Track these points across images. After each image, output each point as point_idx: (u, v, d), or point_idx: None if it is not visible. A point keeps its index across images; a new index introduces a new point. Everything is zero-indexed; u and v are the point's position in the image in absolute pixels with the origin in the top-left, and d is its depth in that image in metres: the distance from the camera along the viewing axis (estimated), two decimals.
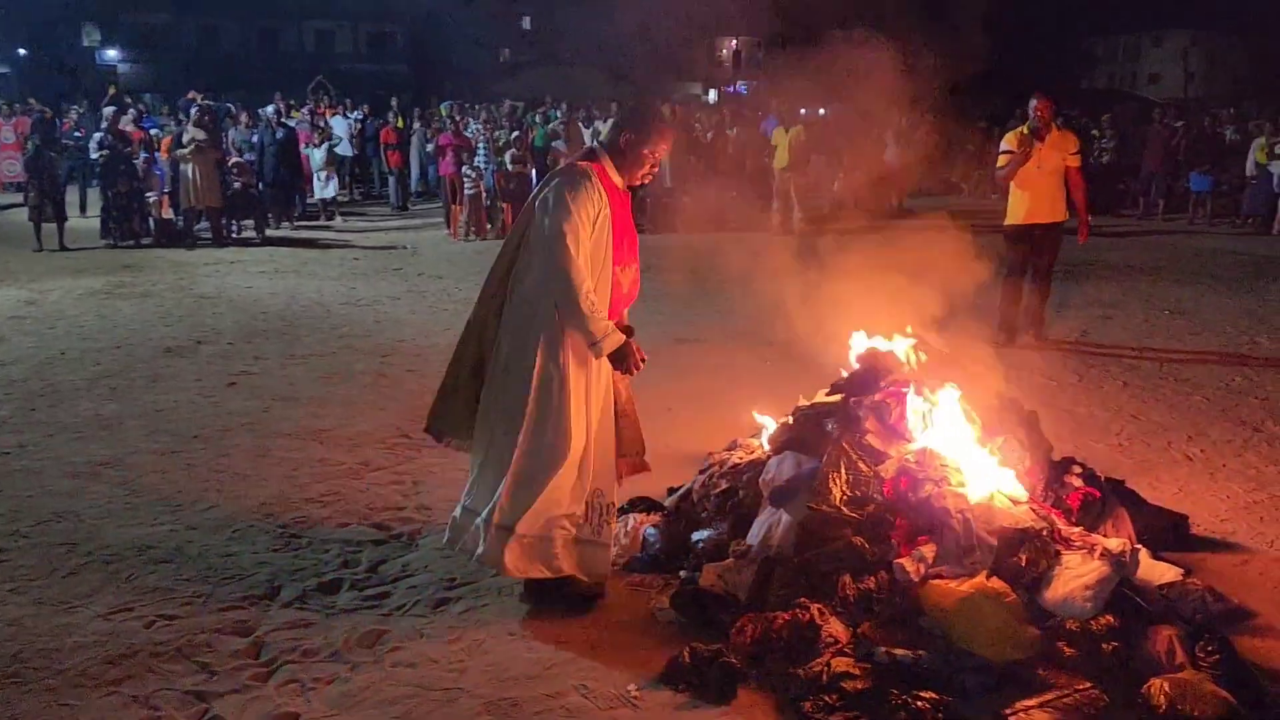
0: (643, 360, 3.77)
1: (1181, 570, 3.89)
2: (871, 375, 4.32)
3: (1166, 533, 4.43)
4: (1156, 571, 3.82)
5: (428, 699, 3.40)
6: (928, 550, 3.60)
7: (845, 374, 4.58)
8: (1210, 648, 3.34)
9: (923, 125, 18.96)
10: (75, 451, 5.76)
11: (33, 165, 13.74)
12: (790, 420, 4.40)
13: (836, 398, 4.36)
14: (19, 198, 16.90)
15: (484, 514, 3.79)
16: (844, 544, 3.70)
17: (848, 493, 3.84)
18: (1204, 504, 5.02)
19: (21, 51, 41.17)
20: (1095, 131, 18.44)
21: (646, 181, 3.98)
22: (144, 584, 4.18)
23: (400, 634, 3.82)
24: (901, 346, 4.55)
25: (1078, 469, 4.26)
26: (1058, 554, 3.61)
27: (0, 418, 6.35)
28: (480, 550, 3.78)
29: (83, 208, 17.01)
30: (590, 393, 3.80)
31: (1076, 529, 3.76)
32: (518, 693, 3.42)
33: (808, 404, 4.48)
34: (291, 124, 17.47)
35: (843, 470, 3.88)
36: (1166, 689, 3.13)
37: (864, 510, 3.79)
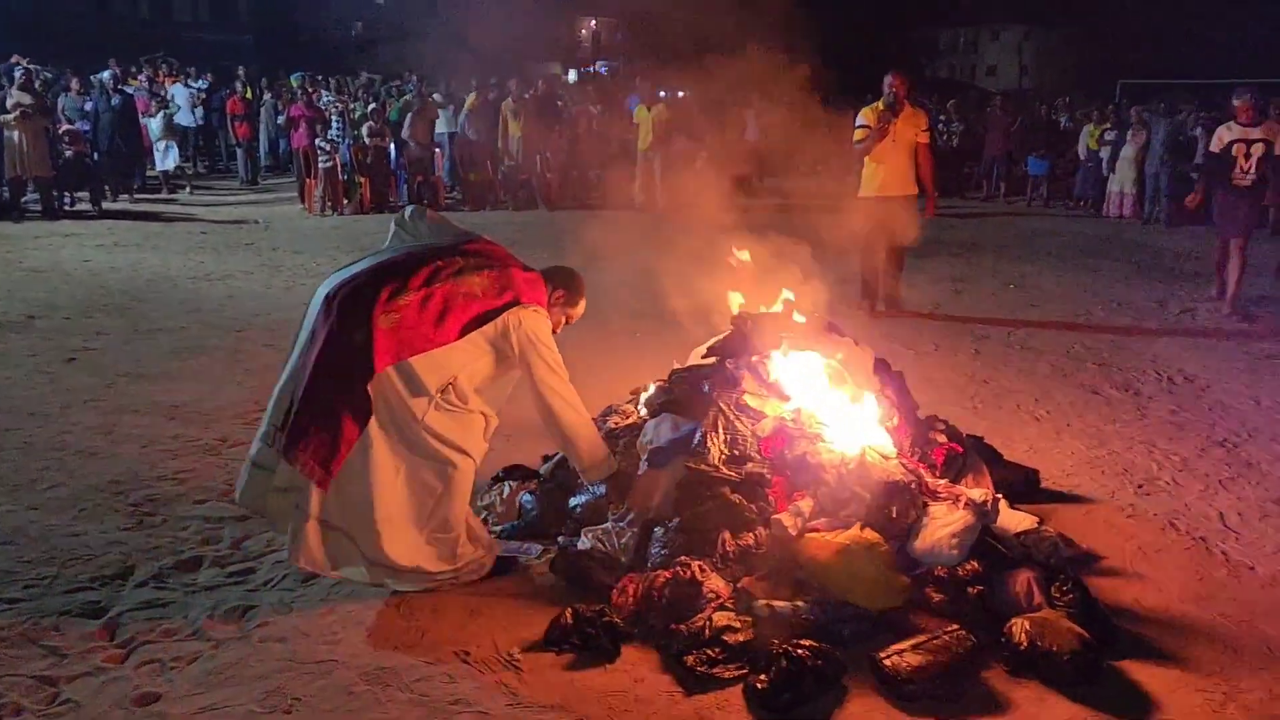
0: None
1: (1036, 519, 4.10)
2: (746, 338, 4.38)
3: (1020, 486, 4.68)
4: (1014, 520, 4.01)
5: (301, 672, 3.27)
6: (804, 505, 3.68)
7: (720, 337, 4.62)
8: (1065, 588, 3.54)
9: (780, 108, 19.38)
10: None
11: None
12: (667, 383, 4.42)
13: (712, 360, 4.40)
14: None
15: None
16: (723, 502, 3.74)
17: (726, 452, 3.89)
18: (1052, 460, 5.32)
19: None
20: (942, 117, 19.22)
21: (556, 332, 3.99)
22: None
23: (268, 609, 3.67)
24: (775, 310, 4.63)
25: (941, 426, 4.44)
26: (926, 505, 3.75)
27: None
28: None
29: None
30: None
31: (942, 482, 3.91)
32: (395, 661, 3.34)
33: (684, 367, 4.51)
34: (129, 91, 16.45)
35: (720, 430, 3.93)
36: (1027, 627, 3.30)
37: (742, 469, 3.85)
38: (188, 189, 16.69)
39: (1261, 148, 8.41)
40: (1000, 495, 4.03)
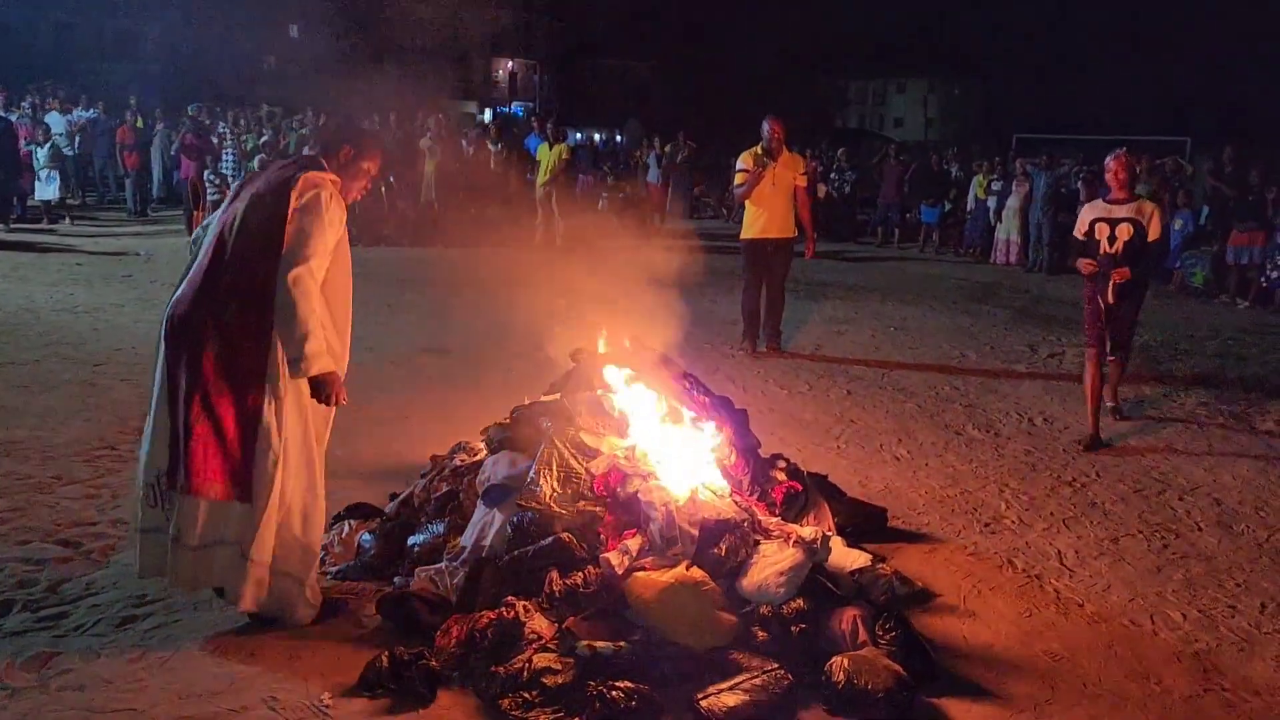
0: (340, 400, 3.61)
1: (871, 557, 4.15)
2: (588, 374, 4.37)
3: (866, 524, 4.73)
4: (849, 558, 4.05)
5: None
6: (633, 543, 3.65)
7: (563, 373, 4.60)
8: (888, 626, 3.57)
9: (683, 150, 19.67)
10: None
11: None
12: (508, 419, 4.37)
13: (554, 396, 4.37)
14: None
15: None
16: (554, 541, 3.69)
17: (558, 489, 3.85)
18: (904, 499, 5.40)
19: None
20: (837, 164, 19.71)
21: (358, 199, 3.88)
22: None
23: (73, 655, 3.49)
24: (621, 348, 4.63)
25: (783, 464, 4.47)
26: (757, 543, 3.76)
27: None
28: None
29: None
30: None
31: (775, 520, 3.93)
32: (197, 710, 3.19)
33: (528, 403, 4.47)
34: (10, 117, 15.89)
35: (554, 467, 3.89)
36: (846, 665, 3.31)
37: (575, 506, 3.81)
38: (68, 219, 16.12)
39: (1128, 229, 6.35)
40: (834, 533, 4.06)
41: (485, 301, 10.08)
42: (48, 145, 15.44)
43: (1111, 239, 6.42)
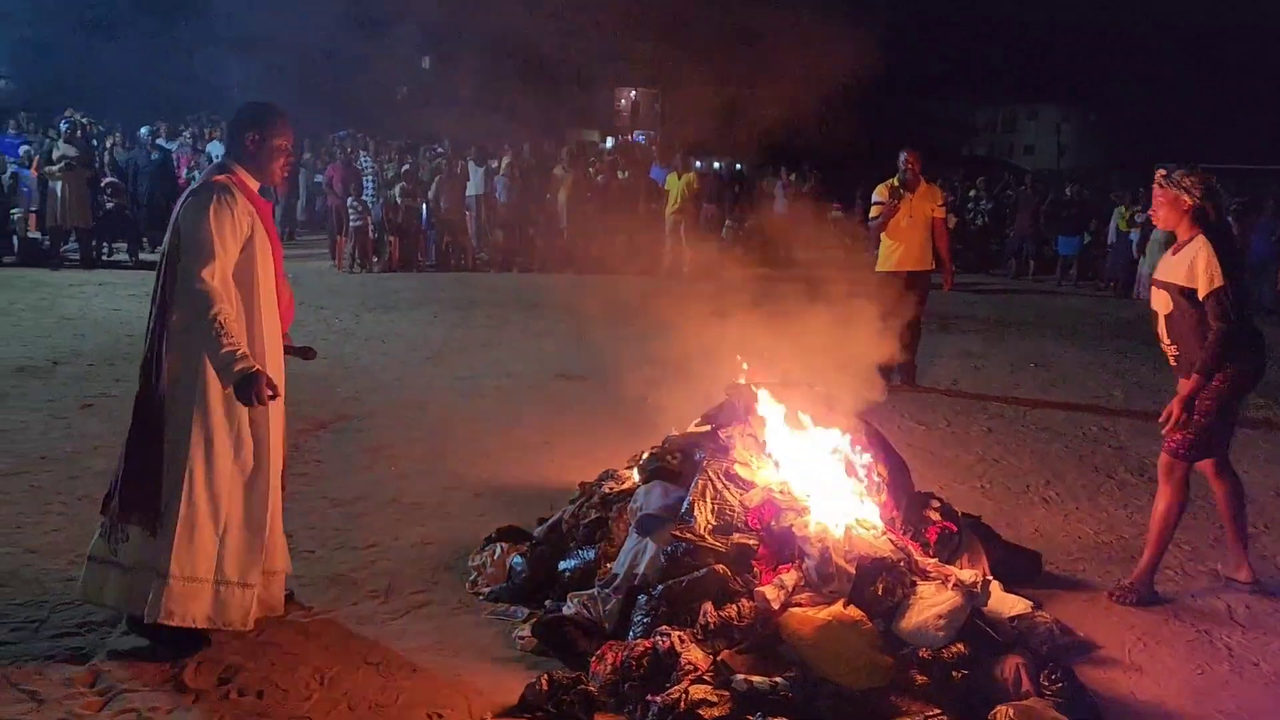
0: (271, 395, 3.47)
1: (1031, 603, 4.02)
2: (740, 407, 4.38)
3: (1020, 569, 4.59)
4: (1007, 604, 3.94)
5: None
6: (789, 578, 3.63)
7: (716, 406, 4.62)
8: (1054, 676, 3.46)
9: (809, 180, 19.56)
10: None
11: None
12: (659, 449, 4.41)
13: (706, 428, 4.40)
14: None
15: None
16: (707, 572, 3.70)
17: (713, 521, 3.86)
18: (1057, 544, 5.22)
19: None
20: (971, 194, 19.31)
21: (285, 175, 3.89)
22: None
23: (246, 662, 3.65)
24: (772, 382, 4.63)
25: (936, 504, 4.38)
26: (913, 584, 3.69)
27: None
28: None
29: None
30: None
31: (932, 560, 3.85)
32: None
33: (679, 434, 4.51)
34: (170, 146, 16.94)
35: (709, 499, 3.91)
36: (1011, 715, 3.21)
37: (728, 538, 3.81)
38: None
39: None
40: (993, 578, 3.95)
41: (616, 329, 10.24)
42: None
43: None
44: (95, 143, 16.09)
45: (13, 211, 13.90)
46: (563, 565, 4.24)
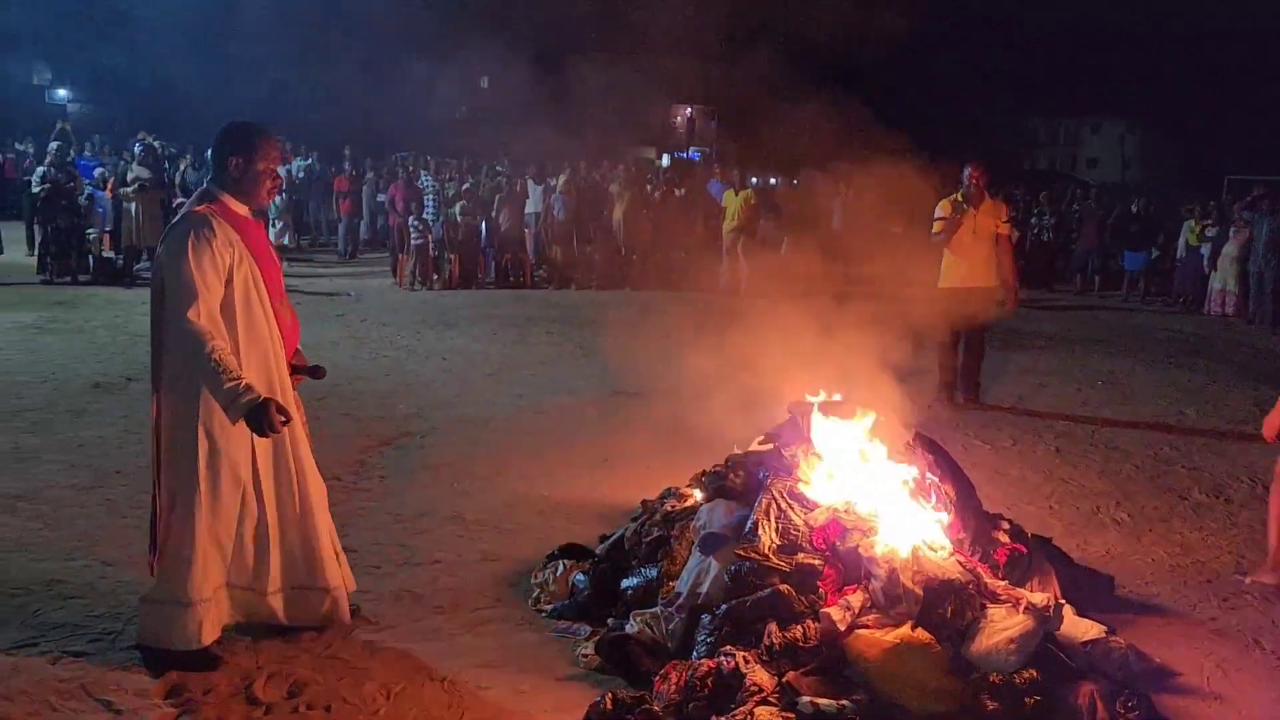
0: (284, 420, 3.47)
1: (1105, 628, 3.92)
2: (804, 425, 4.34)
3: (1092, 593, 4.48)
4: (1080, 628, 3.84)
5: None
6: (855, 599, 3.59)
7: (779, 424, 4.59)
8: (1130, 704, 3.37)
9: (869, 196, 19.38)
10: None
11: None
12: (723, 468, 4.39)
13: (769, 447, 4.37)
14: None
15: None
16: (772, 592, 3.67)
17: (777, 541, 3.83)
18: (1130, 567, 5.09)
19: None
20: (1034, 209, 19.00)
21: (274, 198, 3.85)
22: (51, 619, 4.02)
23: (314, 676, 3.70)
24: (836, 401, 4.58)
25: (1005, 525, 4.30)
26: (983, 607, 3.62)
27: None
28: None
29: (30, 244, 16.41)
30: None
31: (1002, 583, 3.78)
32: None
33: (742, 453, 4.48)
34: None
35: (773, 518, 3.88)
36: None
37: (793, 559, 3.78)
38: (284, 263, 17.40)
39: None
40: (1066, 601, 3.86)
41: (673, 346, 10.21)
42: (281, 195, 16.81)
43: None
44: (168, 164, 16.54)
45: (89, 232, 14.34)
46: (625, 583, 4.24)
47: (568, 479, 6.18)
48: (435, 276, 15.35)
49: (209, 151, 3.71)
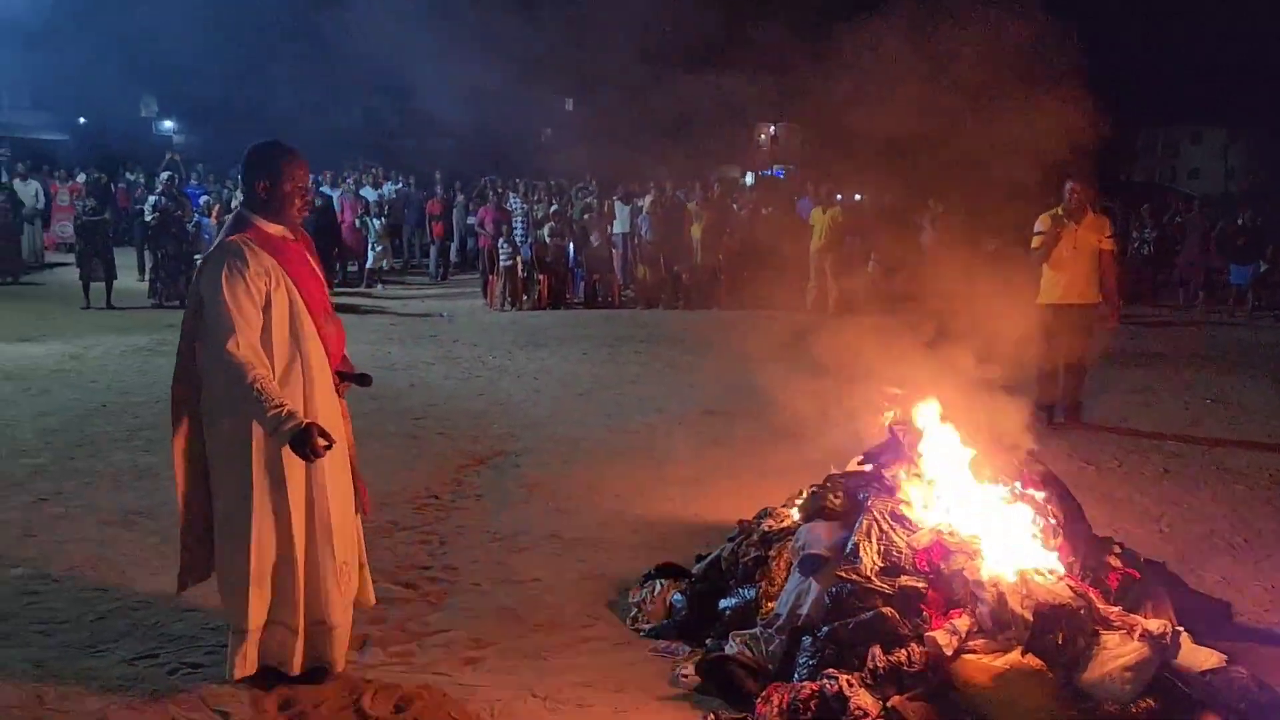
0: (327, 445, 3.41)
1: (1224, 657, 3.76)
2: (904, 445, 4.29)
3: (1208, 620, 4.31)
4: (1199, 657, 3.69)
5: None
6: (961, 623, 3.52)
7: (878, 444, 4.54)
8: None
9: (960, 212, 19.05)
10: (110, 500, 5.82)
11: (83, 226, 14.15)
12: (821, 488, 4.36)
13: (868, 467, 4.32)
14: (71, 257, 17.28)
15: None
16: (875, 615, 3.62)
17: (879, 562, 3.79)
18: (1247, 593, 4.88)
19: (81, 120, 42.68)
20: (1135, 223, 18.45)
21: (306, 214, 3.76)
22: (171, 631, 4.18)
23: (420, 691, 3.77)
24: (936, 420, 4.52)
25: (1117, 549, 4.17)
26: (1096, 633, 3.51)
27: (39, 465, 6.43)
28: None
29: (141, 269, 16.96)
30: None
31: (1115, 609, 3.66)
32: None
33: (840, 473, 4.44)
34: (332, 193, 17.92)
35: (874, 539, 3.83)
36: None
37: (896, 581, 3.73)
38: (379, 284, 17.86)
39: None
40: (1183, 628, 3.72)
41: (762, 365, 10.17)
42: (379, 219, 17.34)
43: None
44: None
45: (195, 257, 14.93)
46: (723, 604, 4.23)
47: (661, 498, 6.20)
48: (525, 297, 15.58)
49: (240, 172, 3.70)
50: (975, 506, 3.99)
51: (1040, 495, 4.15)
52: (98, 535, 5.26)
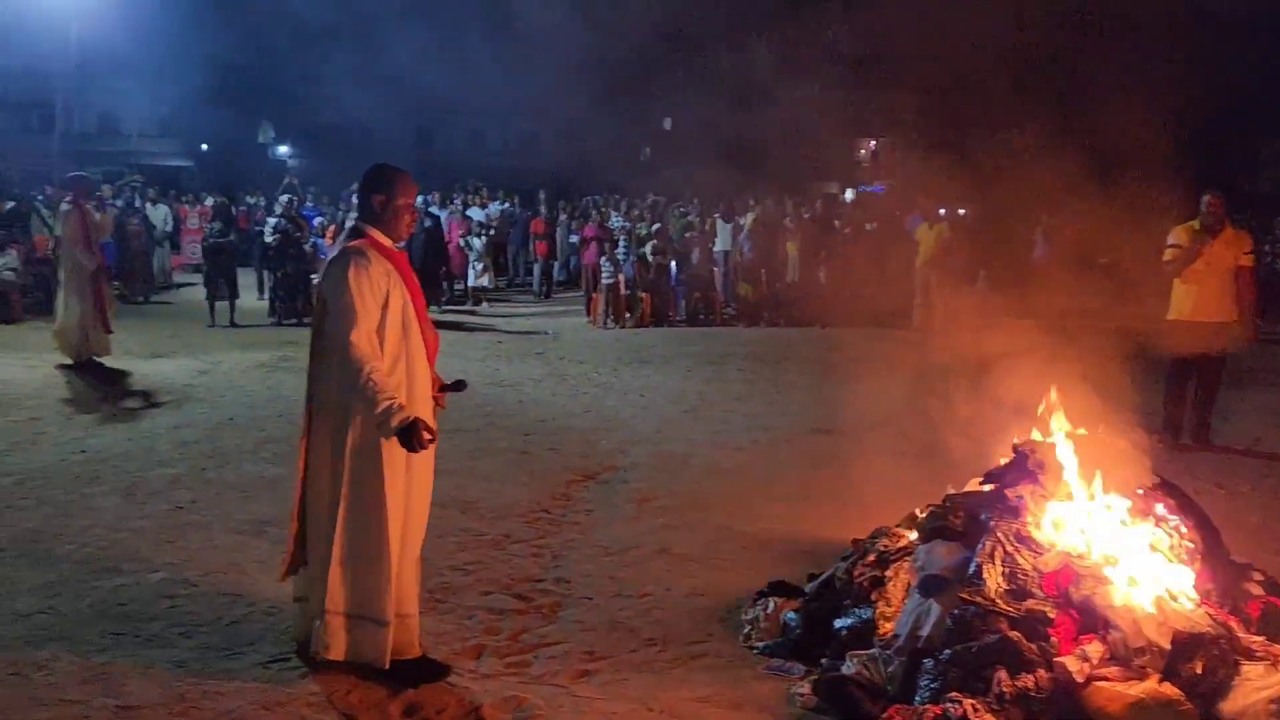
0: (431, 438, 3.72)
1: None
2: (1029, 464, 4.18)
3: None
4: None
5: None
6: (1092, 650, 3.41)
7: (999, 464, 4.44)
8: None
9: (1073, 225, 18.48)
10: (241, 509, 6.06)
11: (210, 248, 14.82)
12: (941, 508, 4.28)
13: (990, 487, 4.23)
14: (198, 278, 18.11)
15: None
16: (1000, 638, 3.54)
17: (1004, 585, 3.70)
18: None
19: (204, 147, 44.95)
20: (1267, 237, 17.68)
21: (413, 230, 4.10)
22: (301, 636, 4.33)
23: (538, 702, 3.83)
24: (1062, 439, 4.40)
25: (1258, 576, 3.99)
26: (1236, 663, 3.37)
27: (174, 476, 6.74)
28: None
29: (261, 289, 17.61)
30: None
31: (1258, 639, 3.50)
32: None
33: (959, 492, 4.36)
34: (440, 214, 18.38)
35: (998, 561, 3.75)
36: None
37: (1022, 604, 3.63)
38: (485, 302, 18.22)
39: None
40: None
41: (868, 383, 10.05)
42: (481, 238, 17.73)
43: None
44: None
45: (312, 277, 15.48)
46: (838, 623, 4.19)
47: (770, 515, 6.17)
48: (627, 315, 15.70)
49: (357, 189, 4.13)
50: (1105, 529, 3.87)
51: (1174, 519, 4.00)
52: (230, 542, 5.49)
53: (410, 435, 3.64)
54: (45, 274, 15.21)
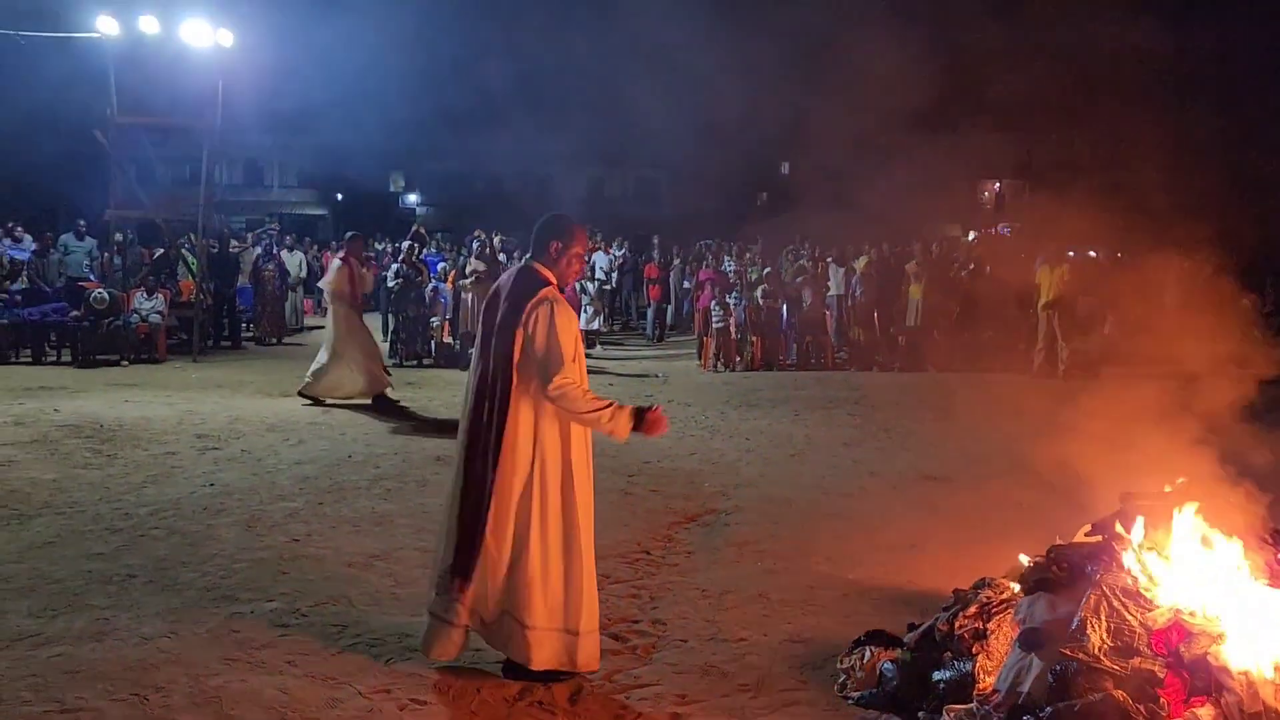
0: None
1: None
2: (1138, 518, 4.01)
3: None
4: None
5: None
6: (1204, 713, 3.23)
7: (1108, 515, 4.27)
8: None
9: (1211, 266, 17.66)
10: (353, 543, 6.29)
11: None
12: (1045, 559, 4.14)
13: (1097, 538, 4.07)
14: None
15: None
16: (1104, 697, 3.39)
17: (1109, 642, 3.54)
18: None
19: (339, 197, 47.28)
20: None
21: (580, 278, 4.39)
22: (402, 669, 4.45)
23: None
24: (1178, 493, 4.20)
25: None
26: None
27: (293, 509, 7.04)
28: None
29: (384, 331, 18.11)
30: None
31: None
32: None
33: (1065, 544, 4.20)
34: None
35: (1103, 616, 3.59)
36: None
37: (1128, 662, 3.48)
38: (596, 345, 18.47)
39: None
40: None
41: (982, 430, 9.79)
42: (594, 284, 18.06)
43: None
44: (503, 257, 18.18)
45: (432, 320, 16.02)
46: (936, 675, 4.07)
47: (872, 563, 6.05)
48: (738, 358, 15.69)
49: (534, 232, 4.40)
50: (1221, 586, 3.67)
51: None
52: (341, 575, 5.69)
53: (644, 419, 4.22)
54: (189, 318, 16.20)
